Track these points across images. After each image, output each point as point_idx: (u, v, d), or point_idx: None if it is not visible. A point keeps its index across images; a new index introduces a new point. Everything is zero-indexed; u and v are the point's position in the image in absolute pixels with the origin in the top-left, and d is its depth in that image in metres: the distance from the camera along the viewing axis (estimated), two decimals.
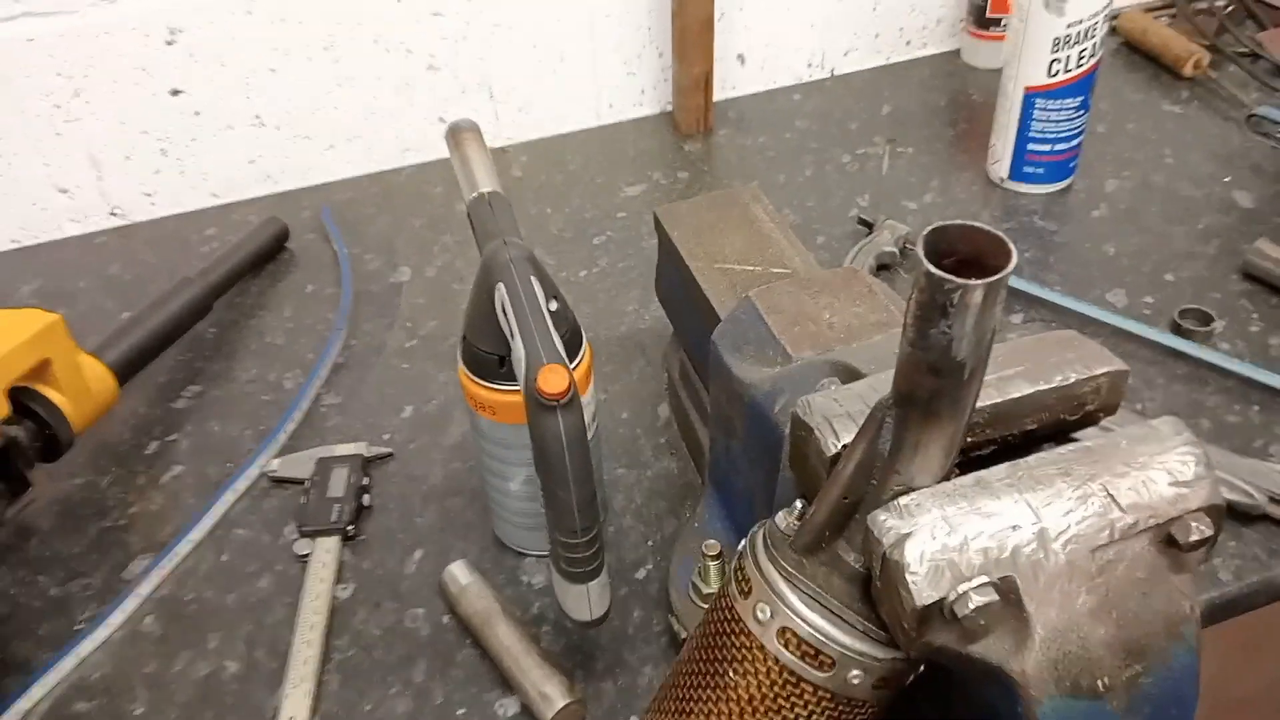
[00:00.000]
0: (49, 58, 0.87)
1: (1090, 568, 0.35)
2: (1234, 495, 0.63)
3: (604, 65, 1.03)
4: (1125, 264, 0.85)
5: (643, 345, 0.80)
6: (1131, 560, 0.35)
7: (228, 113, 0.94)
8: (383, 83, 0.97)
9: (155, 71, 0.90)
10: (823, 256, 0.88)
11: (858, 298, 0.54)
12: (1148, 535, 0.35)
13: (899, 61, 1.14)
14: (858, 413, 0.40)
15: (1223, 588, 0.61)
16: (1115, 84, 1.07)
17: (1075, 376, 0.40)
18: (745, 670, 0.39)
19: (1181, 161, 0.96)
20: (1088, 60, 0.86)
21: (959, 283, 0.29)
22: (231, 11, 0.89)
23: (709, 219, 0.67)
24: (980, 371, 0.33)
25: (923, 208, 0.93)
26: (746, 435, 0.53)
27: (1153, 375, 0.74)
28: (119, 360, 0.72)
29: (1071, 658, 0.34)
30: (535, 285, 0.53)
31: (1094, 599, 0.35)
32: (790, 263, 0.63)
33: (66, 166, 0.92)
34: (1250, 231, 0.86)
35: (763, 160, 1.00)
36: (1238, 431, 0.69)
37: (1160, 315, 0.79)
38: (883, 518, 0.35)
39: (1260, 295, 0.80)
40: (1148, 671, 0.35)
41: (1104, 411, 0.41)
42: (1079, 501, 0.35)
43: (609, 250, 0.90)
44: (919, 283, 0.31)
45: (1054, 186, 0.93)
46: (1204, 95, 1.05)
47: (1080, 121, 0.90)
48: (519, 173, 1.00)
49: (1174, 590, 0.36)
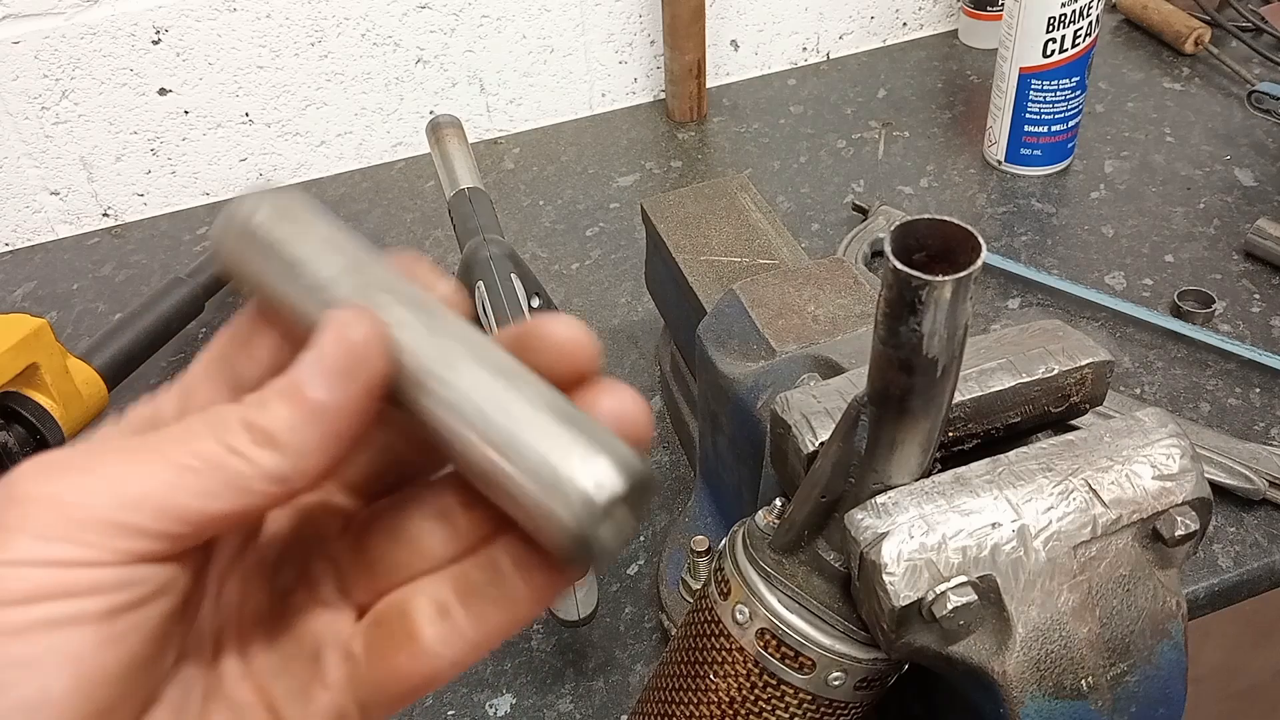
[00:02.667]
0: (35, 60, 0.87)
1: (1072, 565, 0.34)
2: (1234, 480, 0.62)
3: (595, 54, 1.02)
4: (1124, 246, 0.83)
5: (635, 338, 0.80)
6: (1115, 557, 0.34)
7: (217, 111, 0.94)
8: (372, 78, 0.96)
9: (143, 71, 0.90)
10: (817, 244, 0.87)
11: (843, 289, 0.54)
12: (1131, 531, 0.35)
13: (895, 44, 1.13)
14: (835, 409, 0.39)
15: (1223, 574, 0.60)
16: (1115, 62, 1.06)
17: (1059, 368, 0.39)
18: (725, 672, 0.38)
19: (1182, 140, 0.95)
20: (1084, 40, 0.85)
21: (926, 279, 0.29)
22: (217, 9, 0.89)
23: (696, 210, 0.66)
24: (954, 367, 0.32)
25: (919, 192, 0.92)
26: (732, 431, 0.52)
27: (1152, 359, 0.73)
28: (108, 363, 0.72)
29: (1054, 658, 0.34)
30: (516, 282, 0.52)
31: (1076, 597, 0.34)
32: (777, 253, 0.62)
33: (57, 168, 0.92)
34: (1252, 211, 0.85)
35: (757, 147, 0.99)
36: (1238, 415, 0.68)
37: (1160, 298, 0.78)
38: (859, 517, 0.34)
39: (1262, 275, 0.79)
40: (1133, 670, 0.35)
41: (1089, 403, 0.40)
42: (1060, 497, 0.34)
43: (602, 242, 0.90)
44: (886, 279, 0.30)
45: (1052, 168, 0.92)
46: (1205, 72, 1.03)
47: (1077, 102, 0.89)
48: (511, 165, 1.00)
49: (1159, 587, 0.35)
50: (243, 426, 0.22)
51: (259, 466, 0.21)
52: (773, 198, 0.92)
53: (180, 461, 0.21)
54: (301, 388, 0.22)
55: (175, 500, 0.21)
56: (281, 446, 0.21)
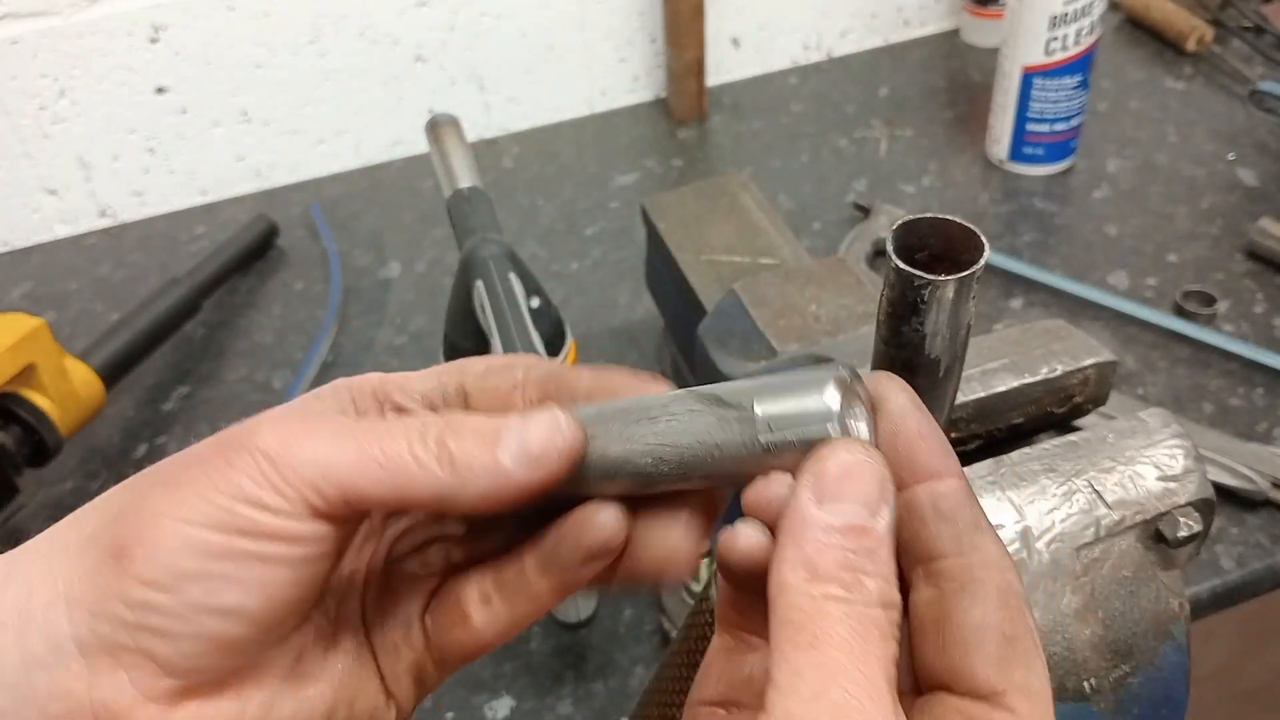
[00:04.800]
0: (33, 59, 0.86)
1: (1075, 567, 0.34)
2: (1236, 481, 0.62)
3: (595, 52, 1.02)
4: (1127, 245, 0.83)
5: (635, 338, 0.79)
6: (1118, 558, 0.34)
7: (214, 110, 0.93)
8: (370, 76, 0.96)
9: (140, 70, 0.90)
10: (819, 243, 0.87)
11: (845, 288, 0.53)
12: (1134, 532, 0.34)
13: (897, 42, 1.12)
14: None
15: (1225, 575, 0.59)
16: (1117, 61, 1.05)
17: (1062, 368, 0.39)
18: None
19: (1185, 139, 0.94)
20: (1086, 38, 0.85)
21: (928, 279, 0.28)
22: (214, 8, 0.88)
23: (697, 209, 0.66)
24: (957, 368, 0.32)
25: (920, 191, 0.91)
26: None
27: (1155, 359, 0.73)
28: (106, 363, 0.72)
29: (1057, 659, 0.33)
30: (515, 282, 0.52)
31: (1079, 599, 0.34)
32: (778, 253, 0.62)
33: (55, 168, 0.92)
34: (1254, 210, 0.85)
35: (758, 145, 0.99)
36: (1241, 415, 0.68)
37: (1163, 297, 0.78)
38: None
39: (1264, 275, 0.79)
40: (1136, 672, 0.34)
41: (1092, 403, 0.40)
42: (1063, 499, 0.34)
43: (602, 241, 0.89)
44: (888, 279, 0.29)
45: (1054, 167, 0.92)
46: (1208, 71, 1.03)
47: (1080, 101, 0.88)
48: (510, 164, 0.99)
49: (1162, 588, 0.35)
50: (435, 441, 0.25)
51: (430, 479, 0.25)
52: (774, 196, 0.92)
53: (372, 455, 0.25)
54: (498, 444, 0.25)
55: (357, 484, 0.25)
56: (457, 474, 0.25)
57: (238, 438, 0.25)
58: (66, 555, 0.25)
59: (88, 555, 0.25)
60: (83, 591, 0.24)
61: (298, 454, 0.25)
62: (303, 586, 0.25)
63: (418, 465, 0.25)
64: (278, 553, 0.24)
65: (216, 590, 0.24)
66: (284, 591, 0.25)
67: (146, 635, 0.24)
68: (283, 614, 0.25)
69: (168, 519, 0.24)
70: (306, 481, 0.24)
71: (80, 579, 0.24)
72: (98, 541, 0.25)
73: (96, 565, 0.24)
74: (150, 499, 0.25)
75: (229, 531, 0.24)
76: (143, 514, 0.24)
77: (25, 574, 0.25)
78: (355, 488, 0.25)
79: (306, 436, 0.25)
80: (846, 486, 0.23)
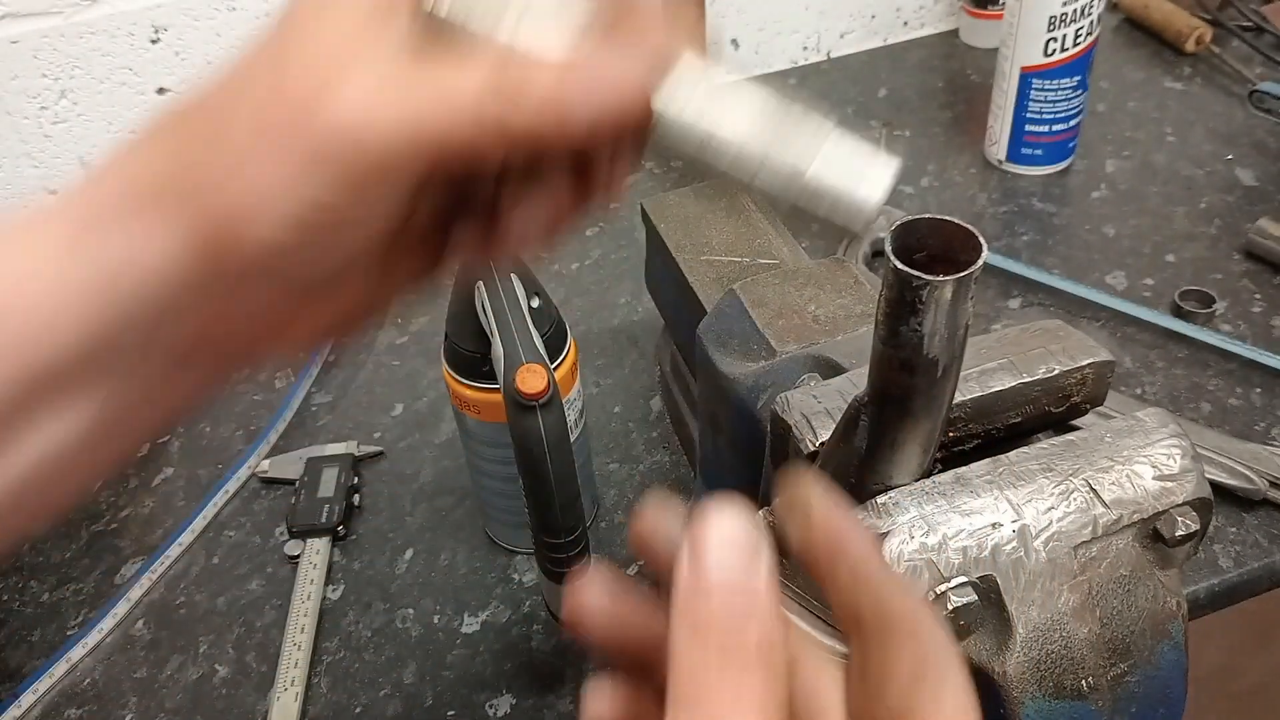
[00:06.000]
0: (34, 59, 0.87)
1: (1072, 565, 0.34)
2: (1235, 480, 0.62)
3: None
4: (1125, 245, 0.83)
5: (635, 338, 0.79)
6: (1115, 557, 0.34)
7: None
8: None
9: (142, 71, 0.90)
10: (817, 245, 0.87)
11: (844, 289, 0.54)
12: (1132, 531, 0.35)
13: (896, 43, 1.13)
14: (836, 409, 0.39)
15: (1223, 574, 0.60)
16: (1116, 62, 1.06)
17: (1060, 368, 0.39)
18: None
19: (1183, 140, 0.94)
20: (1085, 39, 0.85)
21: (926, 279, 0.28)
22: (216, 8, 0.89)
23: (696, 210, 0.66)
24: (955, 367, 0.32)
25: (919, 192, 0.92)
26: (733, 432, 0.52)
27: (1153, 359, 0.73)
28: None
29: (1054, 658, 0.34)
30: (516, 283, 0.52)
31: (1077, 597, 0.34)
32: (778, 253, 0.62)
33: (56, 168, 0.92)
34: (1252, 210, 0.85)
35: None
36: (1239, 415, 0.68)
37: (1161, 297, 0.78)
38: (860, 517, 0.34)
39: (1262, 275, 0.79)
40: (1133, 671, 0.34)
41: (1090, 403, 0.40)
42: (1061, 498, 0.34)
43: (602, 241, 0.89)
44: (887, 279, 0.30)
45: (1053, 168, 0.92)
46: (1206, 72, 1.03)
47: (1078, 101, 0.88)
48: None
49: (1160, 587, 0.35)
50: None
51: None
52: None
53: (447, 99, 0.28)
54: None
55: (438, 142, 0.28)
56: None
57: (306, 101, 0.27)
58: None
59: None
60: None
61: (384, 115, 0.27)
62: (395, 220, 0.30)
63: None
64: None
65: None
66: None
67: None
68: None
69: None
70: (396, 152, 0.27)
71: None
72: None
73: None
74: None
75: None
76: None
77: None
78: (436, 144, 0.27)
79: (385, 93, 0.27)
80: (721, 551, 0.25)
